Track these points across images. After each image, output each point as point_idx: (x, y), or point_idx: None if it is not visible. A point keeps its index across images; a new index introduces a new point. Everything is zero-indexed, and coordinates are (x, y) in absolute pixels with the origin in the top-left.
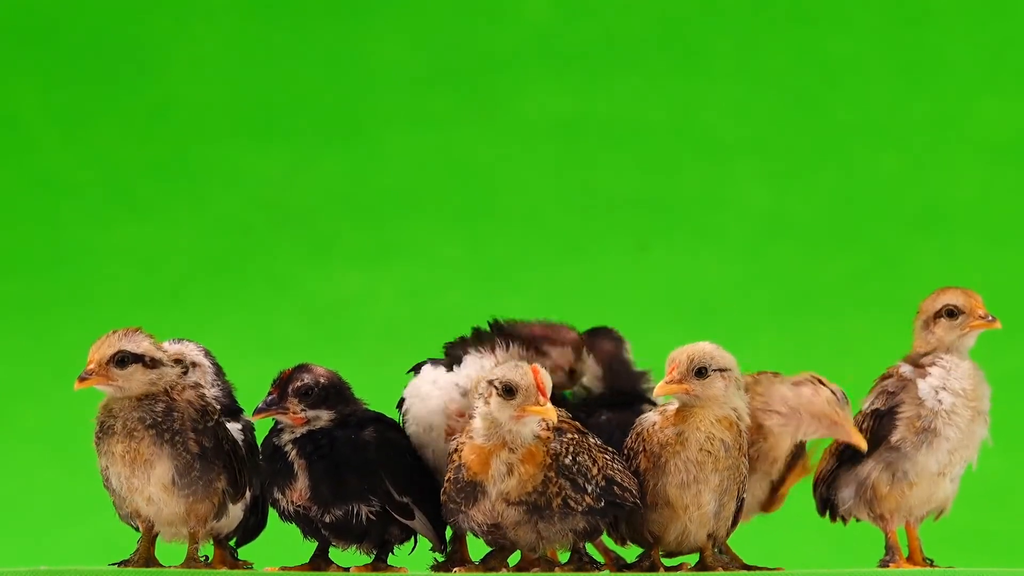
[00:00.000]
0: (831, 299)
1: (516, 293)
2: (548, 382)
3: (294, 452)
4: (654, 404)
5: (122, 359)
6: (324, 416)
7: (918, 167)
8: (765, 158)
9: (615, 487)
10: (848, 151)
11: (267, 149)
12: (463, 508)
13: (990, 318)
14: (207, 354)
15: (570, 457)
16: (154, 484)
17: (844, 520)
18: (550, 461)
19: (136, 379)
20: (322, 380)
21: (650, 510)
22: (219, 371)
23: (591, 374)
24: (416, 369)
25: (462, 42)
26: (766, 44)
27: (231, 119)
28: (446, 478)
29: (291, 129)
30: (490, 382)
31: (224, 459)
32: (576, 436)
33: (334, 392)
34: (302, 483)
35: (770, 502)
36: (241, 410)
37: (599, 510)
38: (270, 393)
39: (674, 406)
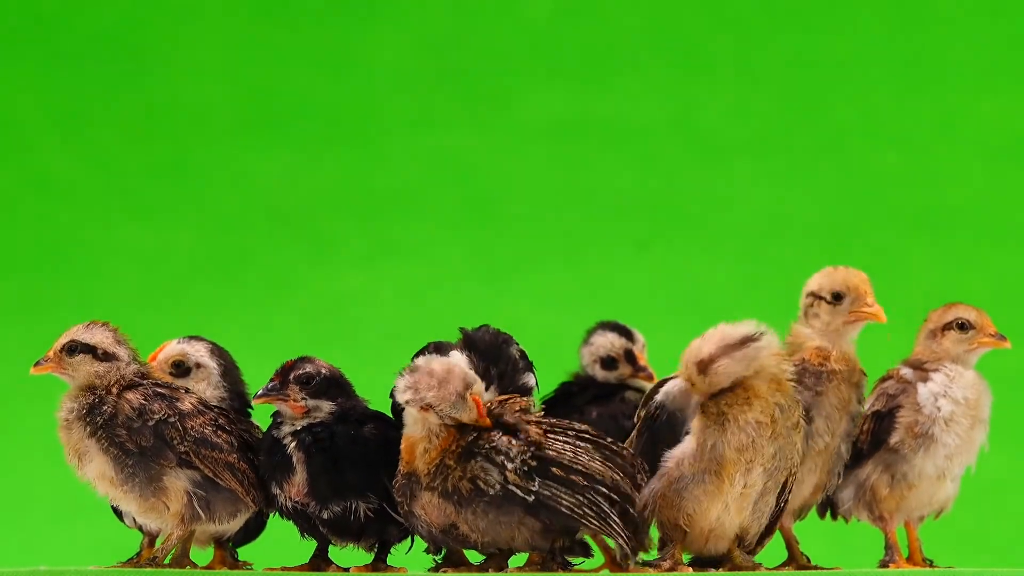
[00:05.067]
0: None
1: (516, 293)
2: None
3: (293, 445)
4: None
5: (72, 348)
6: (325, 407)
7: (918, 167)
8: (765, 158)
9: (554, 468)
10: (848, 151)
11: (268, 149)
12: (408, 506)
13: (1000, 336)
14: (214, 354)
15: (490, 442)
16: (94, 476)
17: (846, 519)
18: (455, 448)
19: (83, 369)
20: (324, 371)
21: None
22: (228, 371)
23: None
24: None
25: (463, 43)
26: (766, 44)
27: (231, 120)
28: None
29: (292, 130)
30: (430, 406)
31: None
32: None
33: (335, 384)
34: (300, 477)
35: None
36: (250, 411)
37: (544, 496)
38: (272, 380)
39: None
